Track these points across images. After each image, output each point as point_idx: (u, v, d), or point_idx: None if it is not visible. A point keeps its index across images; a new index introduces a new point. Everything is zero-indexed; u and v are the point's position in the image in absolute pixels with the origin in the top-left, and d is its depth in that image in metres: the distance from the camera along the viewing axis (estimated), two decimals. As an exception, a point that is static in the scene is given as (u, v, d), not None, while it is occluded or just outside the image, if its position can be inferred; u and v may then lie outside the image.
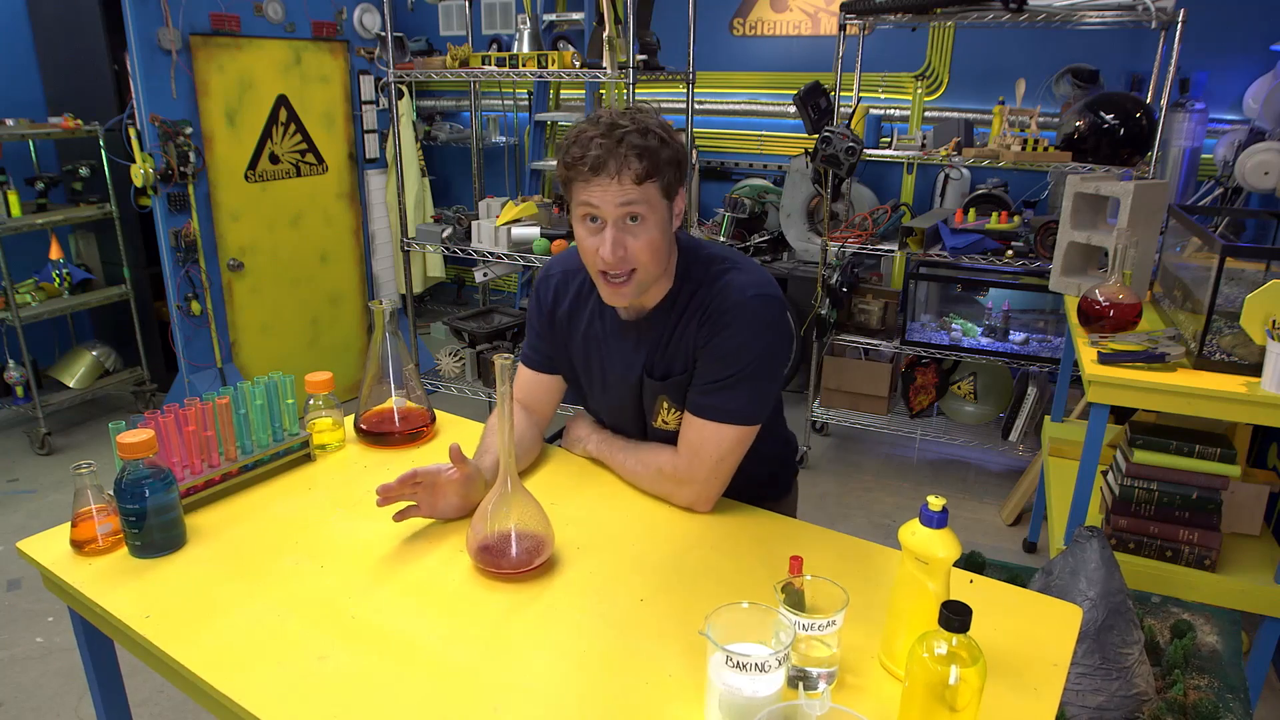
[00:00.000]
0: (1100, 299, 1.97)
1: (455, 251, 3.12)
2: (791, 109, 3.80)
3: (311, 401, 1.50)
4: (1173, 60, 2.65)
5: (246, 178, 3.57)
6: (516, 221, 3.03)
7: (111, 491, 1.17)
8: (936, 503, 0.90)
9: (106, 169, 3.55)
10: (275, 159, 3.67)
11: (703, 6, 4.16)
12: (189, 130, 3.30)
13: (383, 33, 3.67)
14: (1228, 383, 1.71)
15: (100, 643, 1.25)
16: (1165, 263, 2.33)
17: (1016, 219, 3.21)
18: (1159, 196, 2.23)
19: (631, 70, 2.57)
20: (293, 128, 3.71)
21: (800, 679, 0.90)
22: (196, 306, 3.46)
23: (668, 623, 1.04)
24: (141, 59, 3.14)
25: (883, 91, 4.13)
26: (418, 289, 5.02)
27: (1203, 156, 3.33)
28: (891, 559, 1.19)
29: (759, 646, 0.88)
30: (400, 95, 4.23)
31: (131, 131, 3.20)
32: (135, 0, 3.08)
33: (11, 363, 3.53)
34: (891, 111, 4.11)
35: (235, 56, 3.43)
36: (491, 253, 3.04)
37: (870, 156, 3.52)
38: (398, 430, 1.54)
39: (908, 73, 4.08)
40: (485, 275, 3.24)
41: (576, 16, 4.62)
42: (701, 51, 4.27)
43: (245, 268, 3.63)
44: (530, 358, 1.50)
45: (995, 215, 3.18)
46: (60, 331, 3.95)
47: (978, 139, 3.31)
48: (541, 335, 1.47)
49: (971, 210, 3.33)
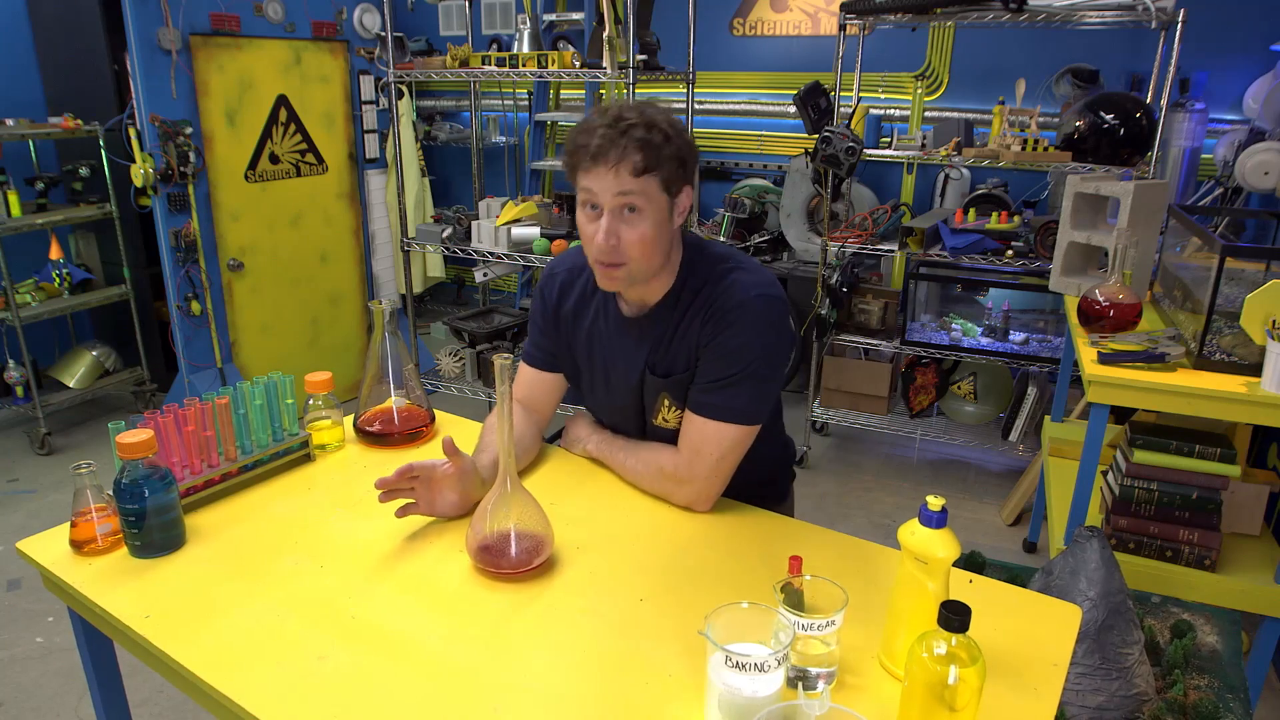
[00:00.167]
0: (1100, 299, 1.97)
1: (455, 251, 3.12)
2: (791, 109, 3.80)
3: (311, 401, 1.50)
4: (1173, 60, 2.65)
5: (246, 178, 3.57)
6: (516, 221, 3.03)
7: (111, 491, 1.17)
8: (936, 503, 0.90)
9: (106, 169, 3.55)
10: (275, 159, 3.67)
11: (703, 6, 4.16)
12: (189, 130, 3.30)
13: (383, 33, 3.67)
14: (1228, 383, 1.71)
15: (100, 643, 1.25)
16: (1165, 263, 2.33)
17: (1016, 219, 3.20)
18: (1159, 196, 2.23)
19: (631, 70, 2.57)
20: (293, 128, 3.71)
21: (800, 679, 0.90)
22: (196, 306, 3.46)
23: (668, 623, 1.04)
24: (141, 59, 3.14)
25: (883, 91, 4.13)
26: (418, 289, 5.02)
27: (1203, 156, 3.33)
28: (891, 559, 1.19)
29: (759, 646, 0.88)
30: (400, 95, 4.24)
31: (131, 131, 3.20)
32: (135, 0, 3.08)
33: (11, 363, 3.53)
34: (891, 111, 4.11)
35: (235, 56, 3.43)
36: (491, 253, 3.04)
37: (870, 156, 3.52)
38: (397, 430, 1.54)
39: (908, 73, 4.08)
40: (485, 275, 3.24)
41: (576, 16, 4.62)
42: (701, 51, 4.27)
43: (245, 268, 3.63)
44: (532, 355, 1.50)
45: (995, 215, 3.18)
46: (60, 331, 3.95)
47: (978, 139, 3.31)
48: (545, 333, 1.47)
49: (971, 210, 3.33)
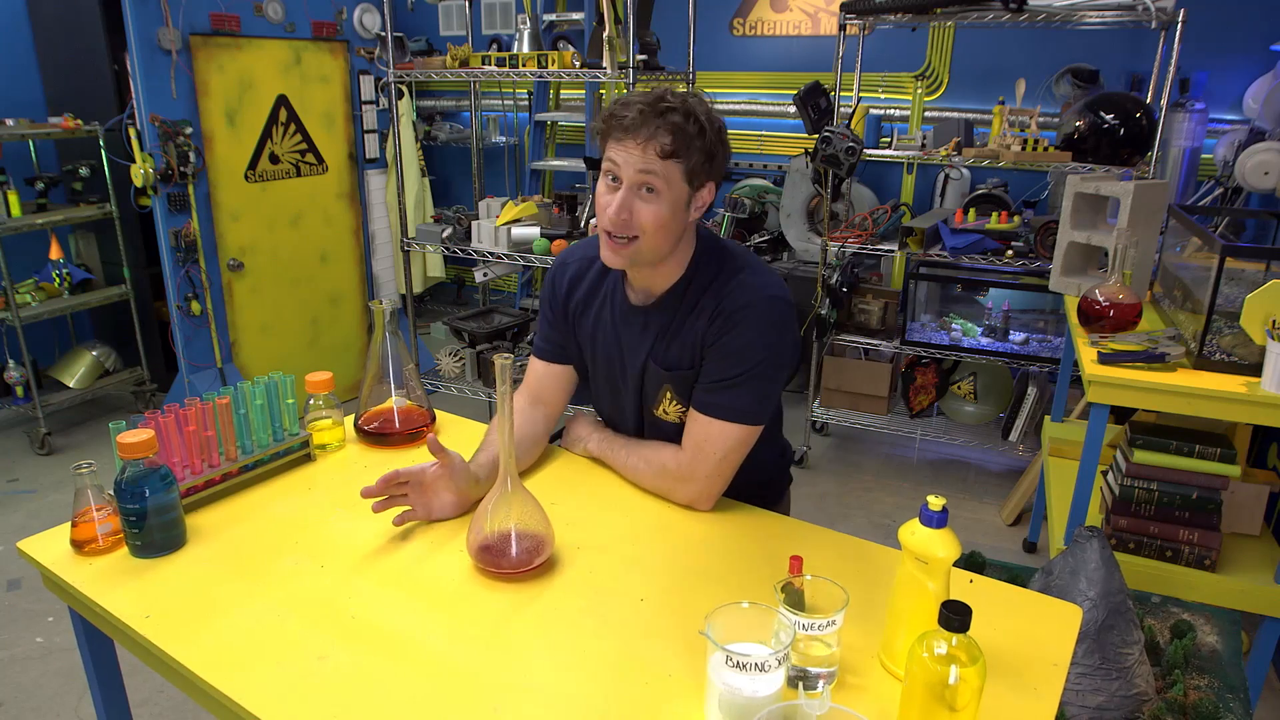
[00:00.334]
0: (1100, 299, 1.97)
1: (455, 251, 3.12)
2: (791, 109, 3.80)
3: (311, 401, 1.50)
4: (1173, 60, 2.65)
5: (246, 178, 3.57)
6: (516, 221, 3.03)
7: (111, 491, 1.17)
8: (936, 503, 0.90)
9: (106, 169, 3.55)
10: (275, 159, 3.66)
11: (703, 6, 4.16)
12: (189, 130, 3.30)
13: (383, 33, 3.67)
14: (1228, 383, 1.71)
15: (100, 643, 1.25)
16: (1165, 263, 2.33)
17: (1016, 219, 3.20)
18: (1159, 196, 2.23)
19: (631, 70, 2.57)
20: (293, 128, 3.71)
21: (800, 679, 0.90)
22: (196, 306, 3.46)
23: (668, 623, 1.04)
24: (141, 59, 3.14)
25: (883, 91, 4.13)
26: (418, 289, 5.02)
27: (1203, 156, 3.33)
28: (891, 559, 1.19)
29: (759, 646, 0.88)
30: (400, 95, 4.24)
31: (131, 131, 3.20)
32: (135, 0, 3.08)
33: (11, 363, 3.53)
34: (891, 111, 4.11)
35: (235, 56, 3.43)
36: (491, 253, 3.04)
37: (870, 156, 3.52)
38: (398, 430, 1.54)
39: (908, 73, 4.08)
40: (485, 275, 3.24)
41: (576, 16, 4.62)
42: (701, 51, 4.27)
43: (245, 268, 3.63)
44: (542, 348, 1.50)
45: (995, 215, 3.18)
46: (60, 331, 3.95)
47: (978, 139, 3.31)
48: (554, 324, 1.48)
49: (971, 210, 3.33)
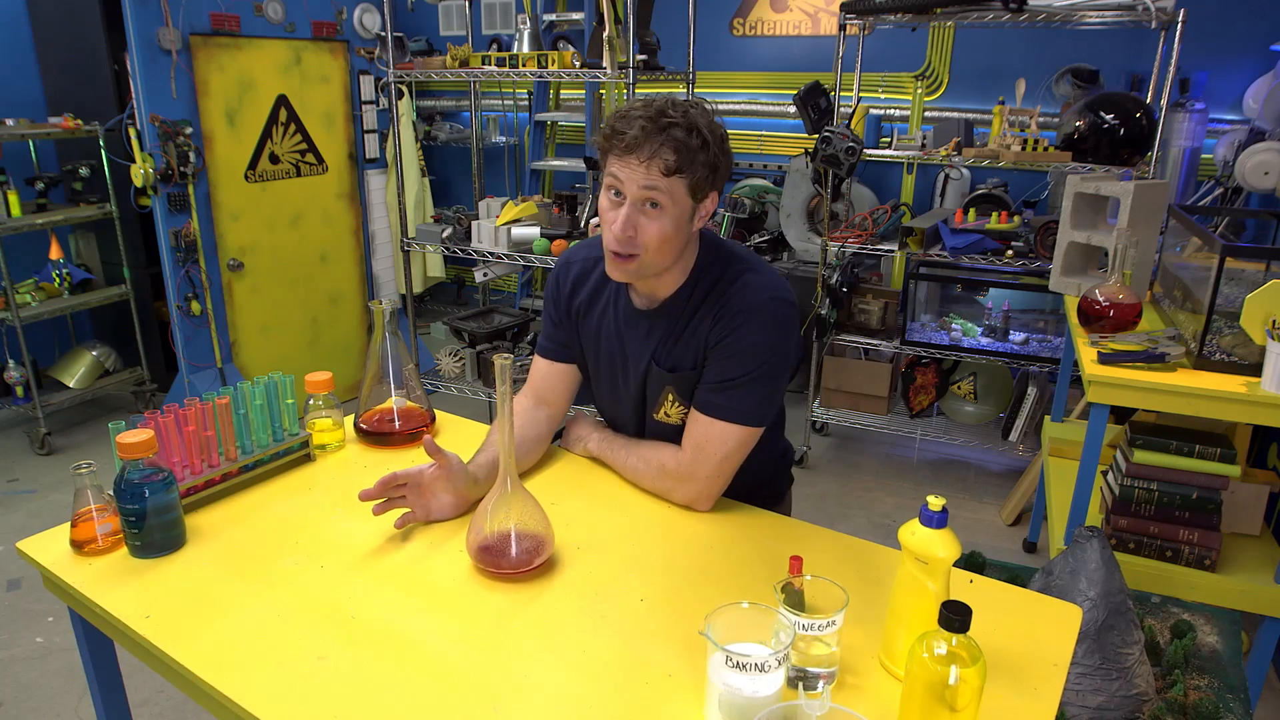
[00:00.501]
0: (1100, 299, 1.97)
1: (455, 251, 3.12)
2: (791, 109, 3.80)
3: (311, 401, 1.50)
4: (1173, 60, 2.65)
5: (246, 178, 3.57)
6: (516, 221, 3.03)
7: (111, 491, 1.16)
8: (936, 503, 0.90)
9: (106, 169, 3.55)
10: (275, 159, 3.66)
11: (703, 6, 4.16)
12: (189, 130, 3.30)
13: (383, 33, 3.67)
14: (1228, 383, 1.71)
15: (100, 643, 1.25)
16: (1165, 263, 2.33)
17: (1016, 219, 3.20)
18: (1159, 196, 2.23)
19: (631, 70, 2.57)
20: (293, 128, 3.71)
21: (800, 679, 0.90)
22: (196, 306, 3.46)
23: (668, 623, 1.04)
24: (141, 59, 3.14)
25: (883, 91, 4.13)
26: (418, 289, 5.01)
27: (1203, 156, 3.33)
28: (891, 559, 1.19)
29: (759, 646, 0.88)
30: (400, 95, 4.23)
31: (131, 131, 3.20)
32: (135, 0, 3.08)
33: (11, 363, 3.52)
34: (891, 111, 4.11)
35: (235, 56, 3.43)
36: (491, 253, 3.04)
37: (870, 156, 3.52)
38: (398, 430, 1.54)
39: (908, 73, 4.08)
40: (485, 275, 3.24)
41: (576, 16, 4.62)
42: (701, 51, 4.27)
43: (245, 268, 3.63)
44: (546, 348, 1.50)
45: (995, 215, 3.18)
46: (60, 331, 3.95)
47: (978, 139, 3.31)
48: (558, 324, 1.48)
49: (971, 210, 3.33)
